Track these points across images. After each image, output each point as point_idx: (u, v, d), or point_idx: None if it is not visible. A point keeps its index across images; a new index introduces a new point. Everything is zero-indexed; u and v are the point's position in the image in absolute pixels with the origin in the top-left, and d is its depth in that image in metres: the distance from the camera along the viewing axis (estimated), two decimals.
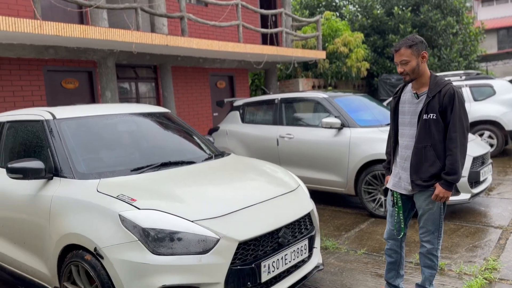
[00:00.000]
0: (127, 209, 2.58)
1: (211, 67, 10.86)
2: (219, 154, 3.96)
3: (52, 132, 3.35)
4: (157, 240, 2.45)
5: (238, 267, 2.57)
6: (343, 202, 6.23)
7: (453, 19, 15.61)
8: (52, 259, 2.92)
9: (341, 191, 5.68)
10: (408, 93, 2.91)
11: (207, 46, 8.86)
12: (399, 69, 2.77)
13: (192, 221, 2.55)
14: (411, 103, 2.85)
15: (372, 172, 5.29)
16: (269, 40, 13.02)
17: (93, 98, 8.36)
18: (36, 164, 3.05)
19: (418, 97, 2.81)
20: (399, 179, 2.93)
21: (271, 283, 2.82)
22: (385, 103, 10.71)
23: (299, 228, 3.08)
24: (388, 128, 5.62)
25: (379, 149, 5.22)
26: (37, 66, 7.40)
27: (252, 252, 2.67)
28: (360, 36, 14.32)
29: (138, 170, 3.21)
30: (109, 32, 7.01)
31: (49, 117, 3.49)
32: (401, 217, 2.95)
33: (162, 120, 4.15)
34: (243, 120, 7.00)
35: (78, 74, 8.14)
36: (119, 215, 2.55)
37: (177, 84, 9.95)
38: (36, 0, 6.21)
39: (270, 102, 6.65)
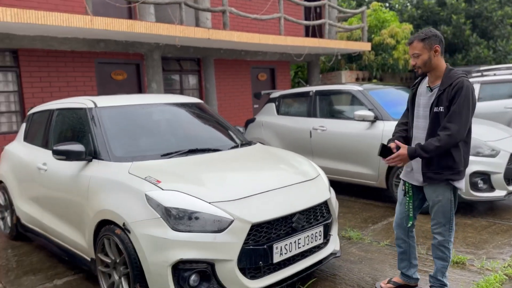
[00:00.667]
0: (153, 189, 2.84)
1: (253, 60, 11.06)
2: (246, 143, 4.16)
3: (93, 119, 3.70)
4: (177, 218, 2.70)
5: (251, 247, 2.76)
6: (375, 195, 6.22)
7: (511, 9, 14.71)
8: (89, 233, 3.26)
9: (372, 184, 5.70)
10: (424, 85, 2.92)
11: (248, 39, 9.06)
12: (412, 61, 2.81)
13: (209, 203, 2.77)
14: (425, 96, 2.88)
15: None
16: (313, 32, 12.99)
17: (140, 89, 8.85)
18: (78, 147, 3.41)
19: (431, 90, 2.84)
20: (411, 170, 2.96)
21: (284, 264, 2.99)
22: None
23: (314, 215, 3.21)
24: None
25: None
26: (89, 58, 7.96)
27: (265, 234, 2.85)
28: (408, 27, 13.91)
29: (167, 155, 3.48)
30: (154, 26, 7.40)
31: (91, 105, 3.84)
32: (411, 207, 2.99)
33: (194, 110, 4.40)
34: (278, 112, 7.14)
35: (127, 66, 8.65)
36: (145, 194, 2.82)
37: (219, 77, 10.25)
38: None
39: (305, 94, 6.74)
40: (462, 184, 2.83)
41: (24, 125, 5.04)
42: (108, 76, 8.37)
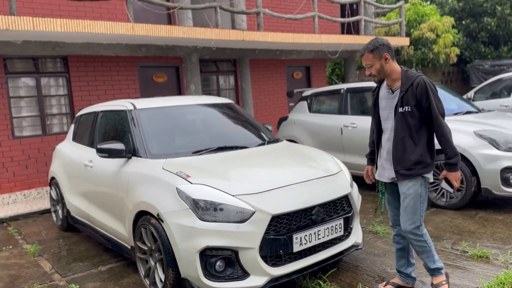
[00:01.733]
0: (183, 183, 3.13)
1: (288, 59, 11.22)
2: (273, 140, 4.37)
3: (133, 120, 4.05)
4: (204, 209, 2.96)
5: (271, 236, 2.98)
6: None
7: None
8: (128, 223, 3.61)
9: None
10: (384, 89, 3.05)
11: (282, 39, 9.24)
12: (367, 71, 2.97)
13: (233, 196, 3.01)
14: (387, 98, 3.00)
15: (435, 161, 5.27)
16: (350, 28, 12.94)
17: (179, 90, 9.27)
18: (119, 146, 3.77)
19: (393, 92, 2.96)
20: (383, 169, 3.09)
21: (305, 254, 3.19)
22: (472, 92, 10.12)
23: (334, 208, 3.37)
24: (453, 117, 5.54)
25: None
26: (132, 62, 8.46)
27: (285, 225, 3.05)
28: (449, 20, 13.53)
29: (197, 152, 3.77)
30: (191, 31, 7.76)
31: (131, 107, 4.20)
32: (383, 203, 3.20)
33: (225, 109, 4.67)
34: (310, 109, 7.29)
35: (167, 69, 9.10)
36: (176, 188, 3.11)
37: (254, 76, 10.51)
38: (129, 6, 7.15)
39: (336, 92, 6.85)
40: (430, 176, 2.95)
41: (72, 126, 5.53)
42: (150, 79, 8.85)
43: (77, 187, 4.79)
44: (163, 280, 3.19)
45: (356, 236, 3.59)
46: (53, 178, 5.53)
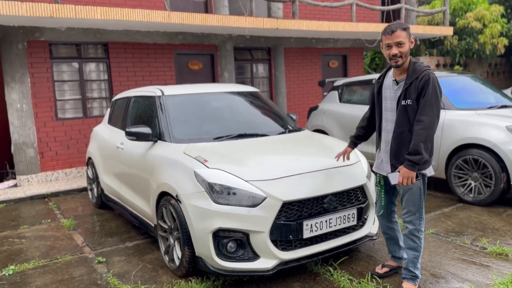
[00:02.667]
0: (200, 167, 3.29)
1: (324, 47, 11.12)
2: (295, 129, 4.44)
3: (160, 106, 4.25)
4: (218, 193, 3.11)
5: (282, 222, 3.09)
6: (437, 186, 6.12)
7: None
8: (152, 202, 3.82)
9: (432, 174, 5.62)
10: (389, 78, 3.00)
11: (317, 27, 9.18)
12: (394, 50, 2.79)
13: (246, 181, 3.13)
14: (391, 89, 2.96)
15: (463, 156, 5.15)
16: (391, 17, 12.59)
17: (213, 78, 9.46)
18: (146, 129, 3.98)
19: (397, 83, 2.91)
20: (381, 162, 3.09)
21: (316, 241, 3.27)
22: None
23: (348, 198, 3.42)
24: (486, 111, 5.36)
25: (473, 133, 5.06)
26: (169, 50, 8.72)
27: (296, 211, 3.15)
28: (498, 9, 12.85)
29: (218, 138, 3.91)
30: (225, 19, 7.88)
31: (159, 93, 4.40)
32: (382, 196, 3.15)
33: (249, 98, 4.78)
34: (340, 99, 7.25)
35: (202, 57, 9.30)
36: (194, 171, 3.27)
37: (288, 65, 10.51)
38: None
39: (367, 82, 6.77)
40: (431, 171, 2.93)
41: (109, 109, 5.83)
42: (185, 66, 9.09)
43: (110, 167, 5.09)
44: (180, 257, 3.38)
45: (370, 227, 3.62)
46: (89, 158, 5.88)
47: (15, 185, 7.22)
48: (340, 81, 7.48)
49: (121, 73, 8.21)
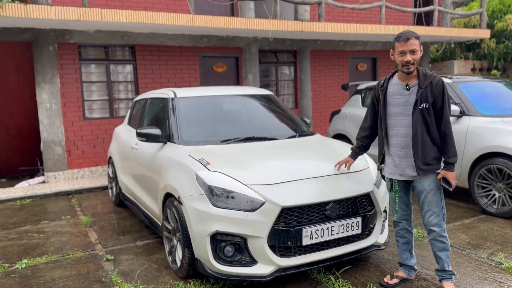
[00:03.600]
0: (202, 169, 3.29)
1: (352, 50, 10.91)
2: (306, 134, 4.37)
3: (172, 108, 4.30)
4: (217, 196, 3.10)
5: (280, 227, 3.03)
6: (460, 195, 5.85)
7: None
8: (159, 203, 3.87)
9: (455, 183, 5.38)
10: (396, 85, 3.08)
11: (344, 30, 9.03)
12: (408, 57, 2.91)
13: (245, 185, 3.11)
14: (402, 95, 3.04)
15: (487, 165, 4.90)
16: (426, 19, 12.20)
17: (238, 80, 9.50)
18: (156, 131, 4.04)
19: (409, 89, 2.99)
20: (394, 167, 3.13)
21: (317, 248, 3.20)
22: None
23: (353, 206, 3.32)
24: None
25: (498, 141, 4.81)
26: (194, 52, 8.83)
27: (295, 218, 3.09)
28: None
29: (226, 141, 3.91)
30: (248, 22, 7.90)
31: (172, 95, 4.45)
32: (397, 201, 3.21)
33: (263, 101, 4.75)
34: (363, 103, 7.09)
35: (227, 59, 9.36)
36: (196, 173, 3.28)
37: (314, 67, 10.39)
38: None
39: None
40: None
41: (129, 110, 5.97)
42: (210, 68, 9.18)
43: (126, 167, 5.21)
44: (181, 259, 3.40)
45: (377, 236, 3.50)
46: (110, 157, 6.04)
47: (44, 182, 7.53)
48: (363, 85, 7.31)
49: (147, 75, 8.39)
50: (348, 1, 10.79)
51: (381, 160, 3.26)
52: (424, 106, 2.93)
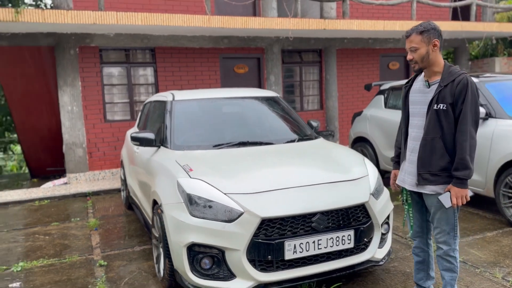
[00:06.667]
0: (183, 176, 3.15)
1: (383, 48, 10.43)
2: (308, 138, 4.12)
3: (169, 111, 4.20)
4: (196, 204, 2.94)
5: (260, 240, 2.83)
6: (488, 205, 5.36)
7: None
8: (150, 209, 3.76)
9: (479, 191, 4.93)
10: (420, 82, 2.71)
11: (370, 27, 8.62)
12: (409, 56, 2.62)
13: (224, 193, 2.93)
14: (421, 92, 2.67)
15: None
16: (465, 14, 11.46)
17: (259, 81, 9.32)
18: (149, 135, 3.94)
19: (429, 86, 2.61)
20: (405, 174, 2.76)
21: (303, 263, 2.96)
22: None
23: (344, 218, 3.05)
24: None
25: None
26: (214, 54, 8.75)
27: (277, 230, 2.86)
28: None
29: (218, 146, 3.75)
30: (267, 21, 7.70)
31: (171, 98, 4.35)
32: (411, 215, 2.82)
33: (265, 103, 4.55)
34: (386, 105, 6.69)
35: (248, 60, 9.20)
36: (177, 180, 3.14)
37: (341, 67, 10.01)
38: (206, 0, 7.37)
39: None
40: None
41: (140, 113, 5.96)
42: (231, 69, 9.06)
43: (132, 170, 5.17)
44: (163, 268, 3.27)
45: (374, 251, 3.21)
46: (122, 160, 6.05)
47: (66, 183, 7.71)
48: (387, 85, 6.90)
49: (167, 77, 8.40)
50: None
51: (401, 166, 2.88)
52: (440, 107, 2.53)
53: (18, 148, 18.12)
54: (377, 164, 6.55)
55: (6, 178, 12.70)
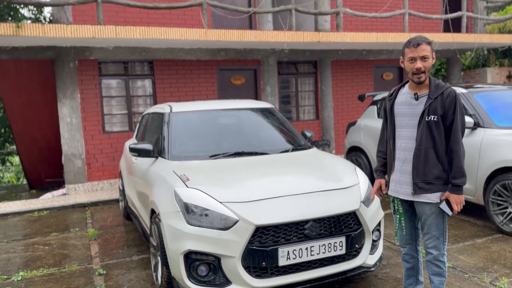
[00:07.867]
0: (180, 186, 3.26)
1: (376, 59, 10.62)
2: (302, 148, 4.25)
3: (167, 122, 4.32)
4: (192, 213, 3.05)
5: (254, 247, 2.93)
6: (479, 212, 5.47)
7: None
8: (147, 219, 3.87)
9: (470, 199, 5.06)
10: (405, 94, 2.81)
11: (364, 39, 8.81)
12: (418, 65, 2.63)
13: (220, 202, 3.04)
14: (410, 105, 2.76)
15: (502, 181, 4.56)
16: (450, 26, 11.70)
17: (256, 92, 9.47)
18: (147, 146, 4.06)
19: (417, 98, 2.71)
20: (398, 184, 2.83)
21: (297, 269, 3.06)
22: None
23: (336, 225, 3.16)
24: None
25: None
26: (211, 66, 8.92)
27: (271, 237, 2.97)
28: None
29: (214, 156, 3.87)
30: (262, 34, 7.88)
31: (168, 110, 4.48)
32: (403, 224, 2.88)
33: (260, 114, 4.68)
34: (379, 115, 6.84)
35: (245, 72, 9.37)
36: (174, 190, 3.26)
37: (336, 78, 10.19)
38: (204, 13, 7.55)
39: None
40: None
41: (138, 125, 6.08)
42: (228, 81, 9.22)
43: (130, 181, 5.28)
44: (160, 276, 3.37)
45: (366, 257, 3.31)
46: (120, 171, 6.15)
47: (64, 194, 7.79)
48: (380, 95, 7.07)
49: (165, 89, 8.55)
50: (371, 10, 10.55)
51: (390, 177, 2.97)
52: (432, 119, 2.65)
53: (16, 159, 18.19)
54: (371, 172, 6.67)
55: (4, 189, 12.74)
